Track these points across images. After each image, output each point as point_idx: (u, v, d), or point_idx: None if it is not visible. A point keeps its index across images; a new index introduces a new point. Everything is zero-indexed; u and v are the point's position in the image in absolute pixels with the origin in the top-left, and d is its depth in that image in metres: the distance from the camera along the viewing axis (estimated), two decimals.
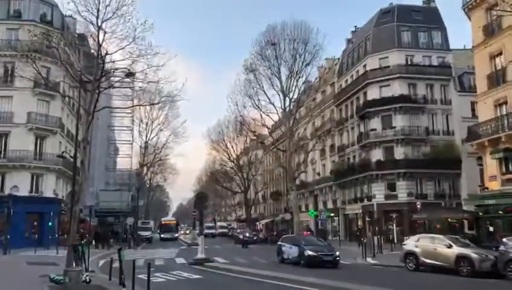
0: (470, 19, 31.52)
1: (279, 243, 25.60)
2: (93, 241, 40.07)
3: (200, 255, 22.81)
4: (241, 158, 73.91)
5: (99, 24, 18.20)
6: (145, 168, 61.40)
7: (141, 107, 57.65)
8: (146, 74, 18.98)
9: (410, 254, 20.42)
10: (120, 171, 67.61)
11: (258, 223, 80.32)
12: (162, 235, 61.00)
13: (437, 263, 19.32)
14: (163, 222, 68.94)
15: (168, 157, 67.69)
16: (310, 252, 21.78)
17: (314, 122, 54.90)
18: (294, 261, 22.71)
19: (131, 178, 63.47)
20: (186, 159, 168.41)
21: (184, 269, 20.91)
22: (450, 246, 19.00)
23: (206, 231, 57.68)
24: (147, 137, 59.40)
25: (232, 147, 71.21)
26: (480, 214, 27.32)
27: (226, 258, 26.06)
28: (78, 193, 18.74)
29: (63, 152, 32.42)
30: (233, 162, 72.06)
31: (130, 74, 20.94)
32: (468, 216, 29.24)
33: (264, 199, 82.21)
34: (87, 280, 14.63)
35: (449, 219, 29.79)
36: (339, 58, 55.88)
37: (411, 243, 20.80)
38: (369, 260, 25.53)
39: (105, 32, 18.41)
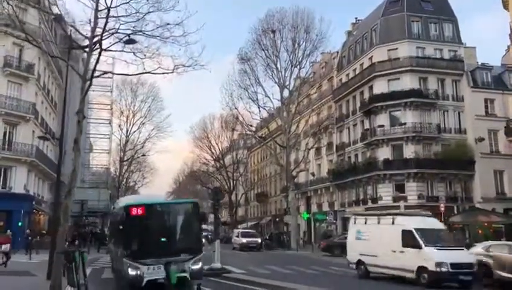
0: (505, 6, 28.81)
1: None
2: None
3: (217, 264, 18.56)
4: (225, 156, 69.77)
5: None
6: (124, 165, 56.53)
7: (122, 98, 53.33)
8: (165, 24, 14.61)
9: (479, 266, 16.74)
10: (96, 167, 62.33)
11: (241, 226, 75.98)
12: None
13: None
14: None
15: (149, 153, 62.66)
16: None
17: (308, 120, 51.27)
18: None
19: (108, 176, 58.40)
20: (161, 159, 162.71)
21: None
22: None
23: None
24: (127, 131, 54.68)
25: (217, 144, 67.16)
26: None
27: (239, 267, 21.87)
28: (70, 183, 14.29)
29: (45, 133, 27.49)
30: (217, 160, 67.90)
31: (130, 41, 16.61)
32: None
33: (247, 201, 77.92)
34: None
35: (487, 223, 26.47)
36: (337, 52, 52.38)
37: (479, 253, 17.14)
38: None
39: None
